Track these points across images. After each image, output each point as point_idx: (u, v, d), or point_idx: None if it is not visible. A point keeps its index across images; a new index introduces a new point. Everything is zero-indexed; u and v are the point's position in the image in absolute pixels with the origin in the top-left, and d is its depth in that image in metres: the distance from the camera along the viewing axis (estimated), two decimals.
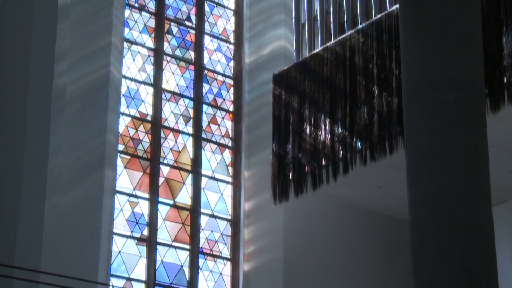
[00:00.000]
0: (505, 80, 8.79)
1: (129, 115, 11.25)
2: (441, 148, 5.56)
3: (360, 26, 10.49)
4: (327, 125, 10.51)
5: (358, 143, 10.15)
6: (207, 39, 12.38)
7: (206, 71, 12.24)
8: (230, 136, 12.21)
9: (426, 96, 5.71)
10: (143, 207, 11.07)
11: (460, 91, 5.65)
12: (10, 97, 9.06)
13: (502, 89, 8.79)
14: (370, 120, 9.99)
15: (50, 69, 9.14)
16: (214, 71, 12.32)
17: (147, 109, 11.47)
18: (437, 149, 5.57)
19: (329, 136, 10.47)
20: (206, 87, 12.17)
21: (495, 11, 8.95)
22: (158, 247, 11.06)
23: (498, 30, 8.90)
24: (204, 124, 11.98)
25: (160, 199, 11.24)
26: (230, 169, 12.07)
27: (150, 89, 11.58)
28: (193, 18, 12.36)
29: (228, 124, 12.26)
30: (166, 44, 11.92)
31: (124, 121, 11.17)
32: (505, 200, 10.97)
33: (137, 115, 11.35)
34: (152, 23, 11.86)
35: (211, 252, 11.53)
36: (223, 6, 12.70)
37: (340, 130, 10.36)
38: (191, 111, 11.91)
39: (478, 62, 5.78)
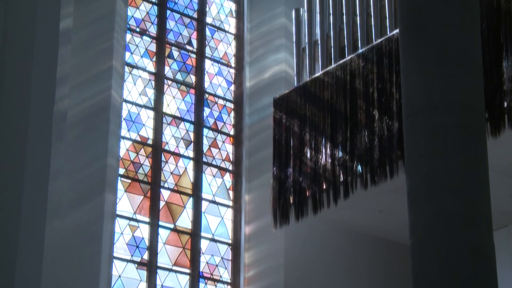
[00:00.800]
0: (505, 104, 8.80)
1: (129, 139, 11.26)
2: (442, 172, 5.56)
3: (360, 51, 10.52)
4: (328, 149, 10.51)
5: (359, 167, 10.15)
6: (208, 63, 12.42)
7: (207, 95, 12.26)
8: (231, 159, 12.22)
9: (427, 120, 5.71)
10: (144, 231, 11.05)
11: (460, 115, 5.65)
12: (11, 121, 9.07)
13: (502, 114, 8.80)
14: (371, 144, 9.99)
15: (51, 93, 9.17)
16: (215, 95, 12.34)
17: (147, 133, 11.49)
18: (437, 173, 5.57)
19: (329, 160, 10.47)
20: (207, 111, 12.19)
21: (495, 36, 8.97)
22: (158, 271, 11.04)
23: (498, 55, 8.92)
24: (205, 148, 11.99)
25: (160, 223, 11.23)
26: (231, 192, 12.06)
27: (151, 113, 11.60)
28: (194, 42, 12.40)
29: (229, 148, 12.27)
30: (167, 68, 11.95)
31: (125, 145, 11.18)
32: (506, 224, 10.94)
33: (138, 139, 11.36)
34: (153, 47, 11.90)
35: (211, 276, 11.50)
36: (224, 30, 12.74)
37: (340, 154, 10.36)
38: (191, 135, 11.92)
39: (478, 86, 5.79)
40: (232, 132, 12.35)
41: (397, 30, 9.74)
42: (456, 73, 5.74)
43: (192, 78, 12.19)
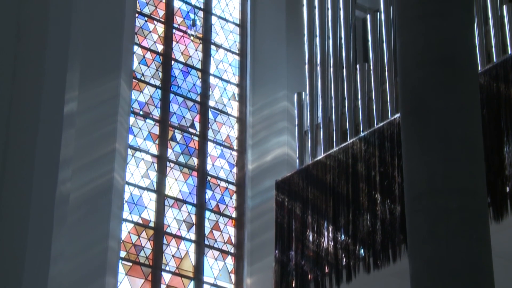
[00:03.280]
0: (507, 189, 8.81)
1: (131, 222, 11.24)
2: (445, 257, 5.54)
3: (362, 134, 10.58)
4: (330, 232, 10.48)
5: (361, 251, 10.10)
6: (210, 146, 12.47)
7: (209, 178, 12.28)
8: (233, 242, 12.16)
9: (429, 205, 5.72)
10: None
11: (462, 200, 5.66)
12: (14, 204, 9.07)
13: (504, 199, 8.80)
14: (373, 227, 9.96)
15: (54, 176, 9.19)
16: (217, 178, 12.35)
17: (149, 215, 11.47)
18: (440, 258, 5.55)
19: (332, 243, 10.42)
20: (209, 193, 12.19)
21: (496, 121, 9.04)
22: None
23: (499, 140, 8.97)
24: (207, 230, 11.95)
25: None
26: (233, 276, 11.97)
27: (153, 195, 11.60)
28: (197, 125, 12.47)
29: (231, 231, 12.22)
30: (169, 151, 11.99)
31: (126, 228, 11.16)
32: None
33: (140, 221, 11.33)
34: (156, 130, 11.97)
35: None
36: (226, 113, 12.83)
37: (343, 237, 10.32)
38: (193, 217, 11.89)
39: (480, 171, 5.82)
40: (234, 215, 12.33)
41: (398, 114, 9.82)
42: (458, 158, 5.78)
43: (194, 161, 12.22)
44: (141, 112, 11.91)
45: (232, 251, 12.09)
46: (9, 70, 9.59)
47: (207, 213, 12.05)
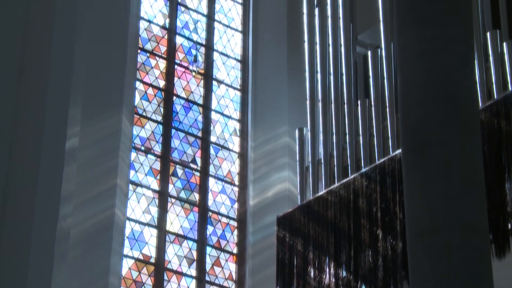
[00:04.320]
0: (509, 226, 8.79)
1: (132, 258, 11.20)
2: None
3: (363, 170, 10.58)
4: (332, 268, 10.44)
5: (363, 287, 10.05)
6: (211, 181, 12.46)
7: (210, 213, 12.26)
8: (234, 278, 12.11)
9: (431, 241, 5.71)
10: None
11: (464, 237, 5.65)
12: (15, 240, 9.06)
13: (506, 235, 8.78)
14: (375, 264, 9.93)
15: (55, 212, 9.20)
16: (218, 213, 12.33)
17: (150, 251, 11.43)
18: None
19: (333, 280, 10.38)
20: (210, 229, 12.16)
21: (497, 157, 9.05)
22: None
23: (500, 176, 8.97)
24: (208, 266, 11.91)
25: None
26: None
27: (154, 231, 11.57)
28: (198, 160, 12.48)
29: (232, 267, 12.18)
30: (171, 186, 11.99)
31: (127, 264, 11.12)
32: None
33: (141, 257, 11.30)
34: (157, 165, 11.97)
35: None
36: (228, 149, 12.84)
37: (344, 273, 10.29)
38: (194, 253, 11.86)
39: (482, 207, 5.81)
40: (235, 251, 12.29)
41: (399, 150, 9.82)
42: (460, 194, 5.77)
43: (195, 196, 12.21)
44: (142, 148, 11.92)
45: (233, 287, 12.04)
46: (11, 106, 9.63)
47: (208, 249, 12.02)
